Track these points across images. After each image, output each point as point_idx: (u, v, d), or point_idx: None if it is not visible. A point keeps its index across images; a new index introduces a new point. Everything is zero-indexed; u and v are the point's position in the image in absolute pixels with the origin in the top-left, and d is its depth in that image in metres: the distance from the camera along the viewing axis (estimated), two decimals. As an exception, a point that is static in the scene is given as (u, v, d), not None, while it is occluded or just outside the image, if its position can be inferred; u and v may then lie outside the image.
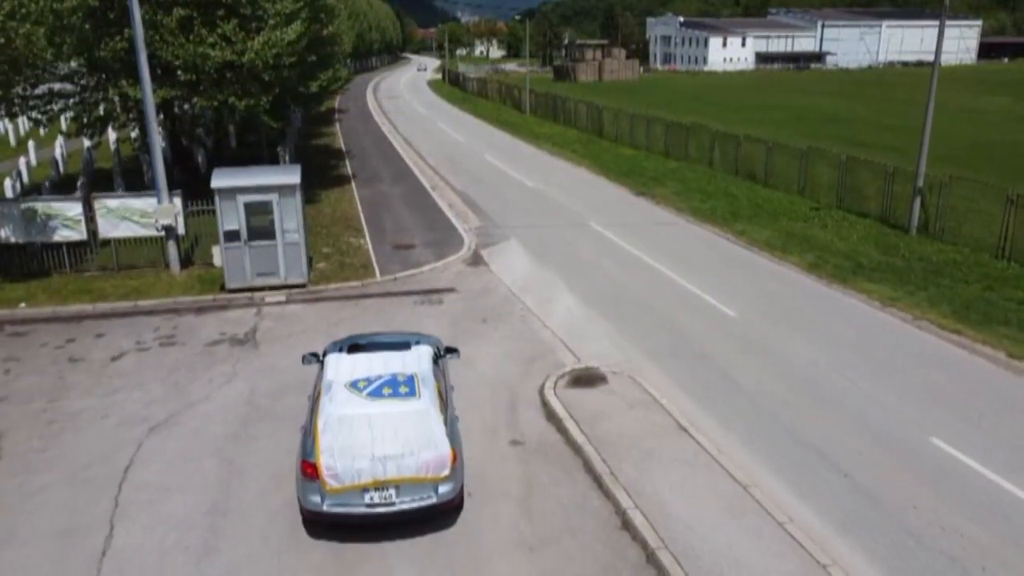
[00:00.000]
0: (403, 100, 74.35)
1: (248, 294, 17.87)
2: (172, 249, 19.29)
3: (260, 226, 17.79)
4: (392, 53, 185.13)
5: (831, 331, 15.77)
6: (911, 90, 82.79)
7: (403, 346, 10.71)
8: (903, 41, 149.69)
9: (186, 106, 25.90)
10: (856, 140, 45.24)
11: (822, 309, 17.14)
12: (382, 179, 32.33)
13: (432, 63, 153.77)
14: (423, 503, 9.13)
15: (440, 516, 9.48)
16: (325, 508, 9.05)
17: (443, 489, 9.18)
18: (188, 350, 15.00)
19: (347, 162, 36.69)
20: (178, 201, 19.25)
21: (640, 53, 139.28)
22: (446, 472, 9.12)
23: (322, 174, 33.14)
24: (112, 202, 19.28)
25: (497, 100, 70.11)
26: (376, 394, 9.37)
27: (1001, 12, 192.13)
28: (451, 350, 11.79)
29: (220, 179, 17.40)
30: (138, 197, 19.45)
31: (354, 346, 10.92)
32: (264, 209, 17.69)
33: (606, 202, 28.08)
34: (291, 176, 17.75)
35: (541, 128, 50.02)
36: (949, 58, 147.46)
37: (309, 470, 9.00)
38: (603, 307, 17.12)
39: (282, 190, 17.55)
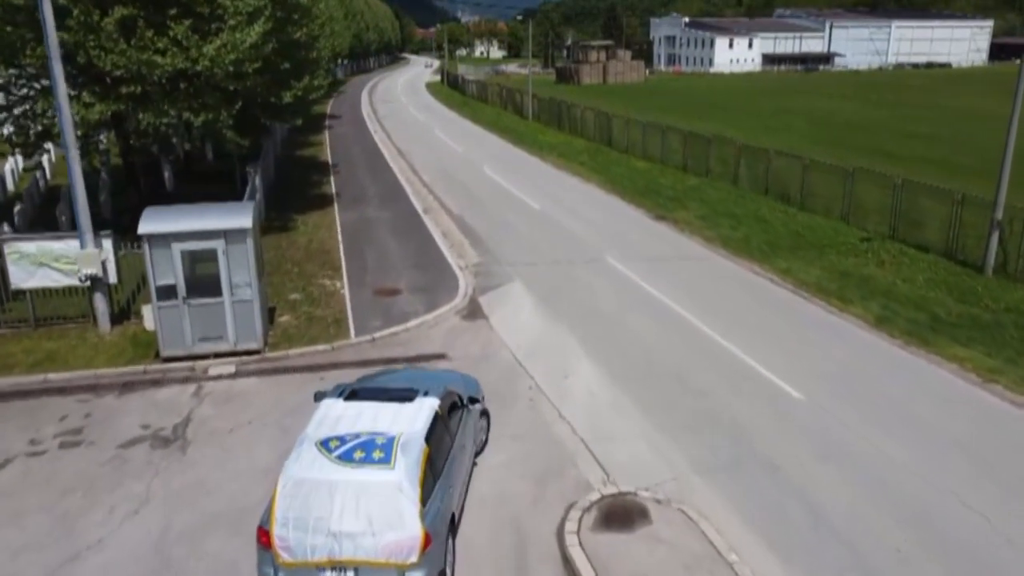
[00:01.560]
0: (399, 104, 70.80)
1: (189, 363, 14.32)
2: (100, 303, 15.74)
3: (203, 280, 14.26)
4: (391, 53, 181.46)
5: (929, 423, 12.22)
6: (929, 93, 79.28)
7: (407, 396, 9.31)
8: (912, 42, 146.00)
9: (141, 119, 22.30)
10: (884, 150, 41.75)
11: (909, 386, 13.58)
12: (369, 200, 28.76)
13: (434, 63, 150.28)
14: None
15: None
16: None
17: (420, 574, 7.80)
18: (95, 455, 11.45)
19: (332, 178, 33.11)
20: (108, 244, 15.69)
21: (644, 54, 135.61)
22: (413, 559, 7.77)
23: (302, 194, 29.58)
24: (28, 246, 15.68)
25: (498, 105, 66.55)
26: (346, 457, 8.18)
27: (1009, 13, 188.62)
28: (474, 400, 10.79)
29: (151, 222, 13.84)
30: (59, 239, 15.85)
31: (355, 392, 9.59)
32: (207, 258, 14.16)
33: (622, 229, 24.52)
34: (241, 218, 14.18)
35: (545, 136, 46.46)
36: (961, 59, 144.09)
37: (264, 538, 8.03)
38: (633, 386, 13.54)
39: (230, 235, 14.00)
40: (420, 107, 67.77)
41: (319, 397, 9.91)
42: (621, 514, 9.72)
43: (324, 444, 8.36)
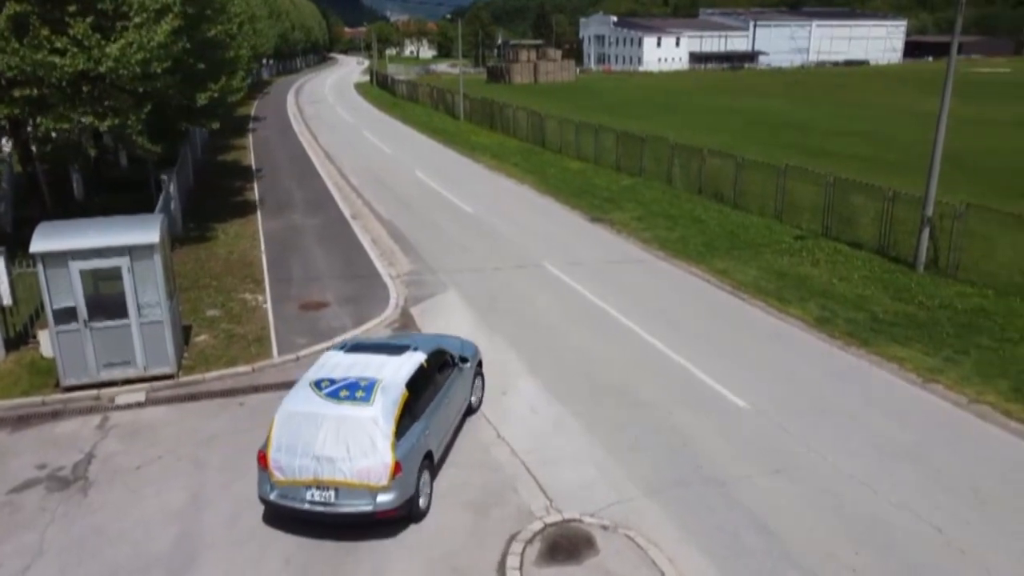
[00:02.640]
0: (326, 105, 69.05)
1: (93, 392, 13.12)
2: (-9, 328, 14.37)
3: (107, 300, 13.08)
4: (318, 53, 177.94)
5: (875, 430, 11.94)
6: (851, 91, 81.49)
7: (399, 350, 10.65)
8: (832, 41, 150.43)
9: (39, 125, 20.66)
10: (819, 149, 42.43)
11: (852, 390, 13.33)
12: (294, 206, 27.54)
13: (365, 62, 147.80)
14: (360, 509, 9.16)
15: (379, 525, 9.35)
16: (272, 498, 9.40)
17: (381, 498, 9.14)
18: (-19, 502, 10.25)
19: (255, 184, 31.70)
20: (0, 262, 14.33)
21: (575, 53, 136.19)
22: (383, 482, 9.07)
23: (223, 201, 28.16)
24: (-94, 266, 14.20)
25: (429, 105, 65.53)
26: (333, 395, 9.60)
27: (922, 12, 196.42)
28: (464, 359, 11.87)
29: (45, 239, 12.61)
30: (-57, 258, 14.40)
31: (356, 346, 11.09)
32: (111, 277, 12.99)
33: (559, 232, 23.98)
34: (147, 232, 13.05)
35: (478, 137, 45.73)
36: (877, 57, 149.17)
37: (262, 461, 9.44)
38: (576, 401, 12.92)
39: (135, 251, 12.86)
40: (349, 108, 66.22)
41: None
42: (566, 545, 9.08)
43: (316, 384, 9.83)
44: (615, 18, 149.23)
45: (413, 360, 10.34)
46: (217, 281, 18.99)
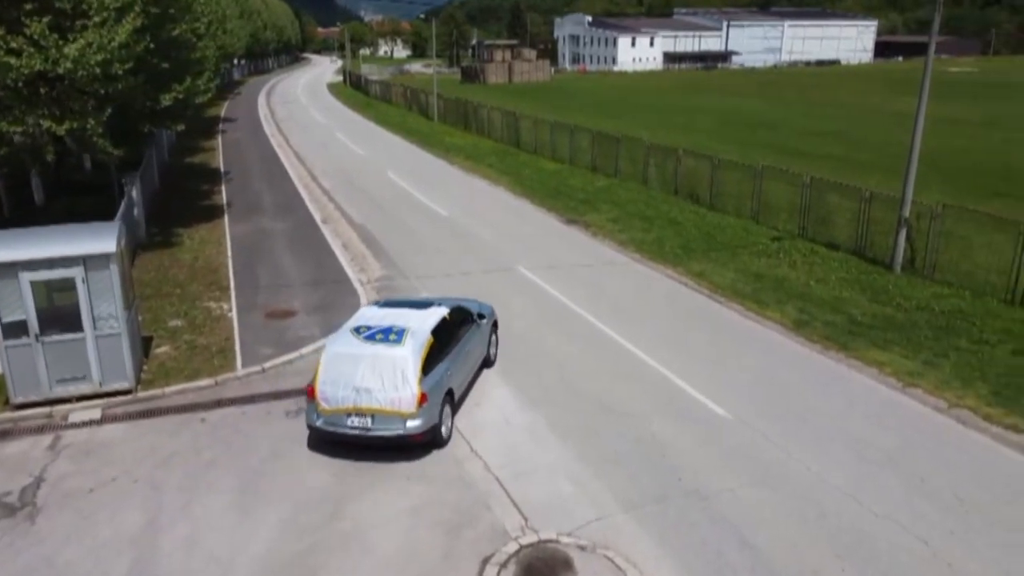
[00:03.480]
0: (299, 105, 68.16)
1: (46, 409, 12.52)
2: (-61, 342, 13.66)
3: (61, 313, 12.48)
4: (291, 53, 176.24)
5: (857, 437, 11.68)
6: (824, 91, 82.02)
7: (426, 305, 12.65)
8: (804, 41, 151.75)
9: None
10: (791, 148, 42.45)
11: (833, 396, 13.08)
12: (263, 210, 26.91)
13: (339, 61, 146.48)
14: (393, 432, 10.79)
15: (409, 447, 10.99)
16: (319, 425, 11.08)
17: (410, 424, 10.77)
18: (-80, 531, 9.65)
19: (223, 187, 30.98)
20: (-53, 273, 13.63)
21: (549, 53, 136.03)
22: (412, 410, 10.72)
23: (189, 205, 27.45)
24: None
25: (402, 105, 64.91)
26: (370, 338, 11.28)
27: (892, 12, 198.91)
28: (482, 316, 13.80)
29: (-8, 249, 11.99)
30: None
31: (389, 303, 13.31)
32: (66, 288, 12.39)
33: (534, 234, 23.61)
34: (103, 241, 12.47)
35: (452, 138, 45.26)
36: (848, 57, 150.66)
37: (310, 394, 11.13)
38: (551, 411, 12.54)
39: (90, 261, 12.28)
40: (321, 109, 65.42)
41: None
42: (542, 568, 8.69)
43: (356, 330, 11.60)
44: (590, 18, 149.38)
45: (437, 313, 12.18)
46: (181, 289, 18.38)
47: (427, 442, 11.02)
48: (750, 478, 10.62)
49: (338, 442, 11.07)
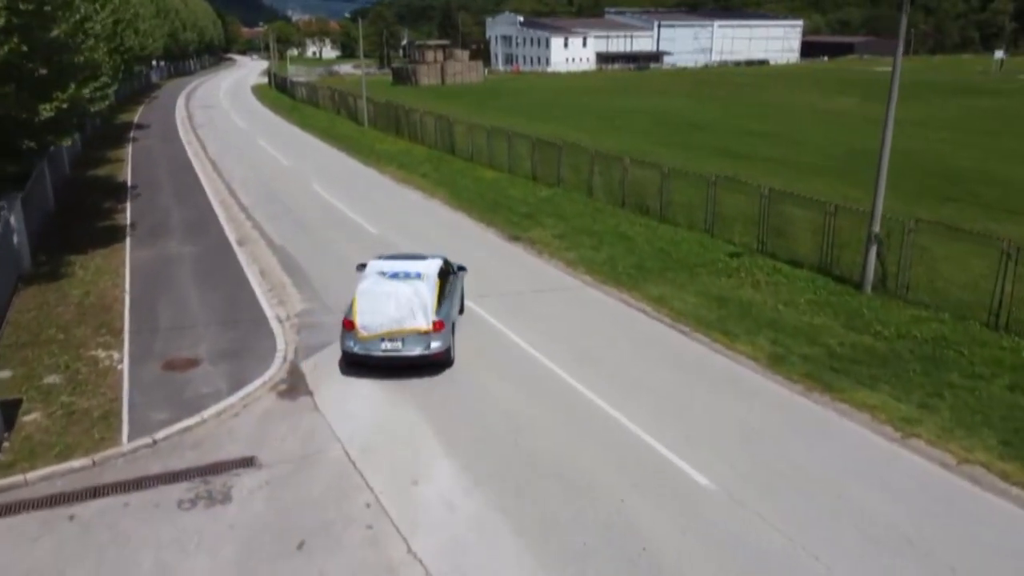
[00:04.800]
0: (220, 110, 64.43)
1: None
2: None
3: None
4: (214, 54, 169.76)
5: (865, 508, 9.97)
6: (756, 90, 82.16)
7: (423, 258, 15.35)
8: (733, 41, 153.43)
9: None
10: (730, 150, 41.43)
11: (826, 451, 11.39)
12: (171, 231, 24.12)
13: (265, 63, 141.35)
14: (419, 352, 13.50)
15: (432, 365, 13.75)
16: (356, 351, 13.64)
17: (433, 344, 13.56)
18: None
19: (128, 205, 27.94)
20: None
21: (482, 53, 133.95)
22: (433, 331, 13.49)
23: (86, 227, 24.45)
24: None
25: (330, 109, 61.90)
26: (393, 277, 14.03)
27: (815, 13, 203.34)
28: (462, 268, 16.58)
29: None
30: None
31: (390, 257, 15.66)
32: None
33: (474, 255, 21.46)
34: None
35: (382, 144, 42.79)
36: (776, 56, 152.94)
37: (348, 325, 13.68)
38: (503, 491, 10.46)
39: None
40: (243, 113, 61.92)
41: (361, 267, 15.59)
42: None
43: (381, 272, 14.15)
44: (521, 18, 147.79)
45: (436, 262, 14.83)
46: (64, 334, 15.67)
47: (443, 361, 13.80)
48: (744, 572, 8.76)
49: (371, 365, 13.61)
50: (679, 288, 18.61)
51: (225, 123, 54.72)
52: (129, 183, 32.07)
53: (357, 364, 13.71)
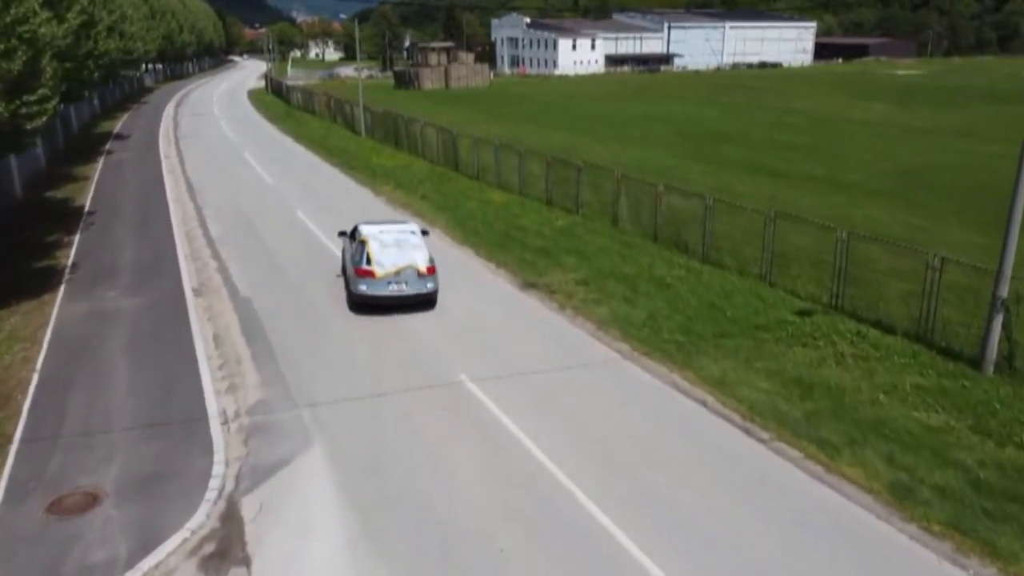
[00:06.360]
0: (210, 117, 60.50)
1: None
2: None
3: None
4: (214, 56, 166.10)
5: None
6: (779, 95, 77.93)
7: (403, 222, 19.75)
8: (746, 42, 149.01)
9: None
10: (764, 166, 37.40)
11: None
12: (117, 275, 20.14)
13: (259, 66, 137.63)
14: (419, 291, 16.79)
15: (427, 303, 17.04)
16: (367, 292, 16.61)
17: (428, 285, 16.91)
18: None
19: (76, 237, 23.97)
20: None
21: (487, 56, 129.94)
22: (429, 274, 16.93)
23: (17, 269, 20.47)
24: None
25: (326, 116, 57.94)
26: (393, 233, 17.48)
27: (827, 15, 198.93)
28: (425, 232, 18.89)
29: None
30: None
31: (370, 222, 18.81)
32: None
33: (483, 311, 17.54)
34: None
35: (380, 158, 38.78)
36: (789, 59, 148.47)
37: (360, 272, 16.63)
38: None
39: None
40: (234, 120, 57.96)
41: (342, 235, 19.44)
42: None
43: (380, 231, 17.54)
44: (528, 20, 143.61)
45: (415, 225, 18.92)
46: (-68, 442, 11.69)
47: (434, 300, 17.13)
48: None
49: (376, 305, 16.66)
50: (744, 364, 14.55)
51: (212, 132, 50.75)
52: (87, 208, 28.10)
53: (366, 306, 16.80)
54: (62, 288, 18.99)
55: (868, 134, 49.16)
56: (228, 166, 37.23)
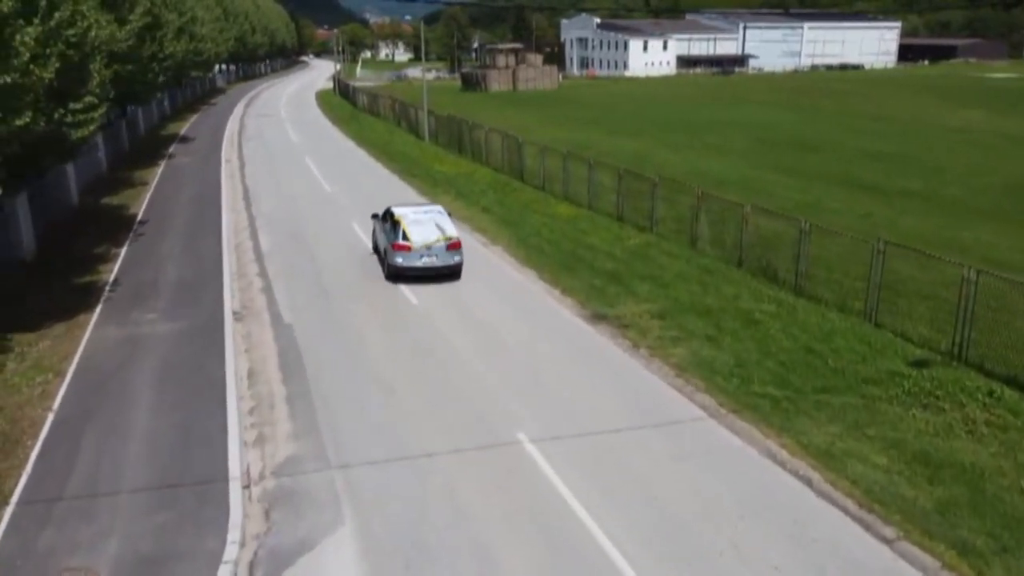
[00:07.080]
0: (276, 119, 60.18)
1: None
2: None
3: None
4: (287, 57, 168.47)
5: None
6: (863, 100, 73.89)
7: (427, 203, 22.94)
8: (824, 44, 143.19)
9: None
10: (853, 178, 34.54)
11: None
12: (158, 293, 18.92)
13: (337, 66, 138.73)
14: (448, 263, 19.08)
15: (454, 274, 19.32)
16: (403, 263, 18.78)
17: (456, 258, 19.25)
18: None
19: (123, 250, 22.97)
20: None
21: (556, 57, 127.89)
22: (457, 247, 19.28)
23: (58, 286, 19.45)
24: None
25: (391, 119, 56.89)
26: (424, 212, 19.80)
27: (911, 15, 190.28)
28: (449, 214, 21.01)
29: None
30: None
31: (401, 204, 21.27)
32: None
33: (544, 350, 15.62)
34: None
35: (442, 165, 37.26)
36: (871, 60, 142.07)
37: (397, 247, 18.79)
38: None
39: None
40: (300, 123, 57.40)
41: (375, 216, 21.50)
42: None
43: (415, 210, 20.02)
44: (599, 20, 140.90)
45: (439, 207, 21.11)
46: (-75, 499, 10.38)
47: (459, 272, 19.45)
48: None
49: (410, 275, 18.85)
50: (854, 430, 12.26)
51: (276, 136, 50.15)
52: (139, 217, 27.24)
53: (400, 276, 18.85)
54: (98, 308, 17.82)
55: (965, 143, 45.48)
56: (287, 171, 36.21)
